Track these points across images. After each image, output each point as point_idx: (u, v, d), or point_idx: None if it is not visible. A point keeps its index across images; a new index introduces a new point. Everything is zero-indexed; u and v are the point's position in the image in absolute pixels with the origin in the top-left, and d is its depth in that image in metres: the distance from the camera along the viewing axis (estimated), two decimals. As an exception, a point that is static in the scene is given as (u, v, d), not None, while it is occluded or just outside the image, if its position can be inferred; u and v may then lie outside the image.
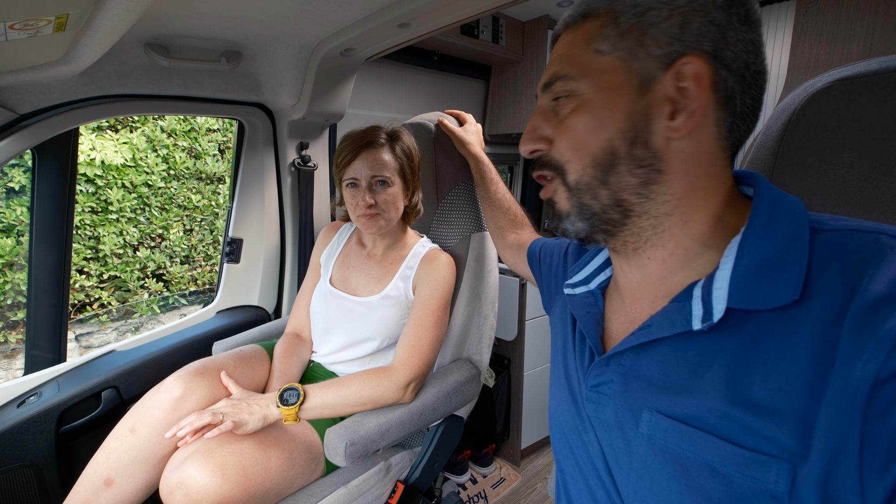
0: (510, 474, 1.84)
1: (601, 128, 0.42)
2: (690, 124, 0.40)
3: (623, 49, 0.41)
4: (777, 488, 0.33)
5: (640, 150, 0.42)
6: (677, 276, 0.45)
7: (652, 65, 0.41)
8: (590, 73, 0.43)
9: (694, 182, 0.42)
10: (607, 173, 0.43)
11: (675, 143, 0.41)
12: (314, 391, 0.90)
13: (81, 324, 3.12)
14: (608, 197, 0.44)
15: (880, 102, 0.47)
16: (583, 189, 0.44)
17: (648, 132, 0.41)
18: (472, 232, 1.15)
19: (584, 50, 0.43)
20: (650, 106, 0.41)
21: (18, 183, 2.64)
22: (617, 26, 0.41)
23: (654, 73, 0.41)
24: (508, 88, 2.00)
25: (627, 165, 0.42)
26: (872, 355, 0.30)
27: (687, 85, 0.40)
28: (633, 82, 0.41)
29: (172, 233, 3.29)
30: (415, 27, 0.99)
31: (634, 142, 0.42)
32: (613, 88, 0.42)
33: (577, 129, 0.43)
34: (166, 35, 1.03)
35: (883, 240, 0.34)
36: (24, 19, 0.62)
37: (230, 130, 3.44)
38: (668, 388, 0.42)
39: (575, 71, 0.43)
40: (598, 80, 0.42)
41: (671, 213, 0.43)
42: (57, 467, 1.11)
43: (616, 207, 0.44)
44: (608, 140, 0.42)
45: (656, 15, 0.40)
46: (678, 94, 0.40)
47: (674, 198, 0.42)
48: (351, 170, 1.01)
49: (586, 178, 0.44)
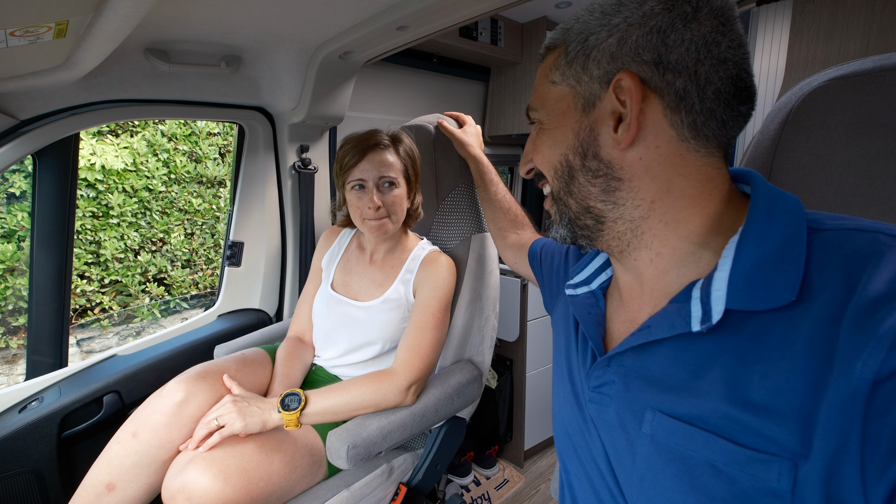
0: (514, 476, 1.83)
1: (556, 145, 0.48)
2: (632, 133, 0.43)
3: (571, 76, 0.46)
4: (779, 486, 0.34)
5: (592, 161, 0.46)
6: (670, 274, 0.45)
7: (595, 85, 0.45)
8: (546, 102, 0.49)
9: (666, 185, 0.43)
10: (569, 184, 0.48)
11: (629, 153, 0.44)
12: (315, 396, 0.90)
13: (83, 328, 3.13)
14: (576, 205, 0.48)
15: (876, 101, 0.47)
16: (557, 198, 0.50)
17: (597, 145, 0.45)
18: (473, 233, 1.16)
19: (543, 83, 0.50)
20: (595, 122, 0.45)
21: (19, 188, 2.65)
22: (566, 55, 0.46)
23: (597, 93, 0.45)
24: (507, 90, 2.00)
25: (585, 176, 0.47)
26: (872, 354, 0.30)
27: (625, 98, 0.43)
28: (578, 104, 0.46)
29: (173, 237, 3.30)
30: (413, 30, 1.00)
31: (585, 155, 0.46)
32: (562, 113, 0.47)
33: (542, 148, 0.50)
34: (166, 40, 1.04)
35: (881, 239, 0.34)
36: (25, 26, 0.63)
37: (230, 134, 3.45)
38: (669, 388, 0.42)
39: (537, 103, 0.50)
40: (552, 108, 0.48)
41: (647, 216, 0.45)
42: (59, 472, 1.11)
43: (587, 214, 0.48)
44: (563, 154, 0.48)
45: (596, 38, 0.44)
46: (623, 107, 0.43)
47: (645, 202, 0.44)
48: (357, 171, 1.00)
49: (556, 188, 0.50)
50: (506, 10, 0.91)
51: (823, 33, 1.30)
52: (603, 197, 0.46)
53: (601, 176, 0.45)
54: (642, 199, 0.44)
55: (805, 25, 1.33)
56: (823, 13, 1.30)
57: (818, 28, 1.31)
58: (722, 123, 0.42)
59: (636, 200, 0.45)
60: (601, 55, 0.44)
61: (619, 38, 0.42)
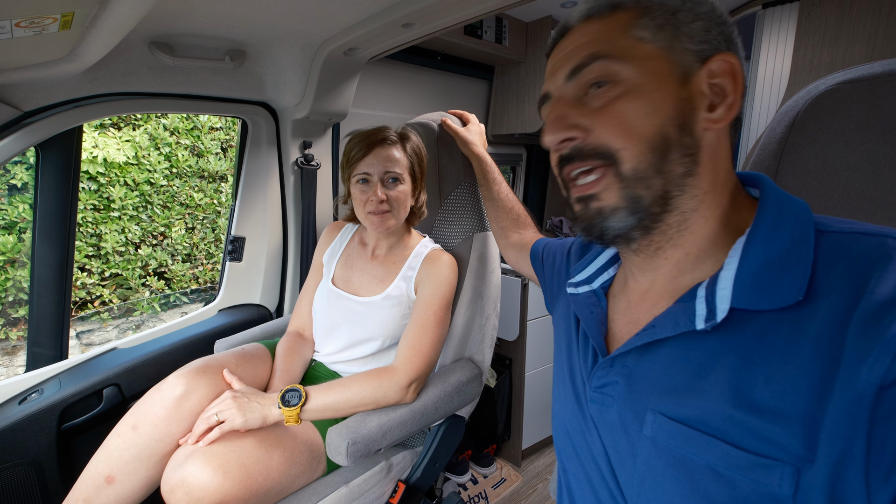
0: (511, 475, 1.84)
1: (653, 112, 0.41)
2: (729, 116, 0.42)
3: (663, 39, 0.42)
4: (781, 492, 0.33)
5: (687, 137, 0.42)
6: (686, 277, 0.45)
7: (690, 58, 0.42)
8: (635, 57, 0.42)
9: (715, 178, 0.43)
10: (662, 160, 0.41)
11: (706, 136, 0.42)
12: (316, 392, 0.90)
13: (83, 321, 3.13)
14: (660, 187, 0.42)
15: (884, 105, 0.47)
16: (639, 178, 0.42)
17: (693, 121, 0.42)
18: (475, 232, 1.16)
19: (622, 36, 0.42)
20: (692, 96, 0.42)
21: (21, 180, 2.65)
22: (652, 19, 0.42)
23: (692, 67, 0.42)
24: (511, 89, 2.00)
25: (677, 153, 0.42)
26: (879, 359, 0.30)
27: (719, 81, 0.42)
28: (675, 72, 0.42)
29: (174, 231, 3.30)
30: (419, 27, 0.99)
31: (683, 128, 0.41)
32: (660, 75, 0.41)
33: (629, 114, 0.41)
34: (171, 34, 1.04)
35: (889, 243, 0.34)
36: (31, 17, 0.63)
37: (233, 129, 3.44)
38: (672, 390, 0.42)
39: (618, 52, 0.42)
40: (644, 66, 0.41)
41: (696, 208, 0.43)
42: (58, 464, 1.11)
43: (660, 200, 0.42)
44: (661, 125, 0.41)
45: (684, 16, 0.42)
46: (710, 91, 0.42)
47: (701, 192, 0.43)
48: (363, 165, 1.00)
49: (643, 165, 0.42)
50: (511, 8, 0.91)
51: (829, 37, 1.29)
52: (680, 180, 0.42)
53: (689, 155, 0.42)
54: (700, 188, 0.42)
55: (811, 29, 1.33)
56: (829, 17, 1.30)
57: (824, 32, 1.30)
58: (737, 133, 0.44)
59: (695, 190, 0.42)
60: (692, 33, 0.42)
61: (704, 25, 0.42)
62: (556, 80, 0.46)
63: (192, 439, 0.83)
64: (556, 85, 0.46)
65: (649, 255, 0.46)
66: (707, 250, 0.44)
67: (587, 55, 0.43)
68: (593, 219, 0.45)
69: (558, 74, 0.46)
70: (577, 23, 0.46)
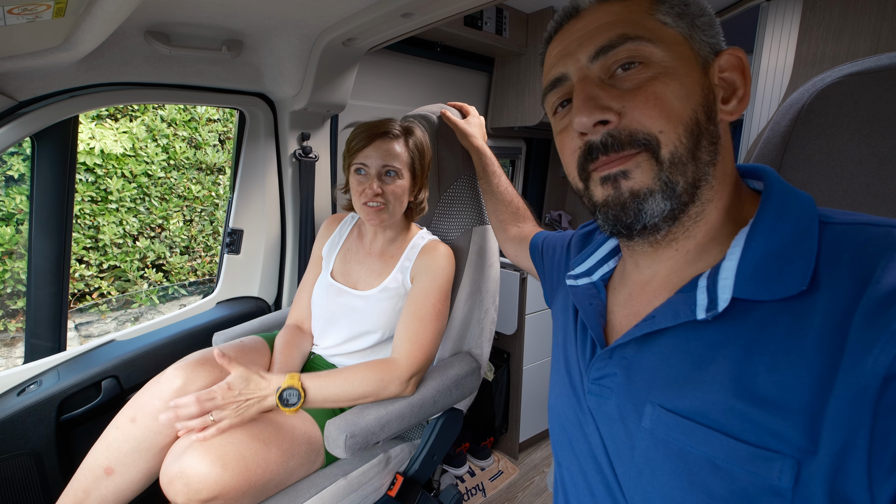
0: (508, 467, 1.85)
1: (688, 97, 0.40)
2: (741, 109, 0.42)
3: (683, 27, 0.42)
4: (780, 484, 0.33)
5: (713, 126, 0.41)
6: (690, 268, 0.45)
7: (706, 49, 0.42)
8: (663, 39, 0.40)
9: (725, 169, 0.43)
10: (696, 146, 0.40)
11: (722, 125, 0.43)
12: (315, 385, 0.89)
13: (81, 313, 3.13)
14: (692, 174, 0.40)
15: (891, 98, 0.46)
16: (676, 162, 0.40)
17: (715, 110, 0.42)
18: (474, 225, 1.15)
19: (648, 17, 0.41)
20: (712, 85, 0.42)
21: (17, 171, 2.63)
22: (671, 6, 0.42)
23: (709, 57, 0.42)
24: (511, 81, 1.98)
25: (706, 140, 0.41)
26: (884, 349, 0.30)
27: (728, 75, 0.42)
28: (697, 59, 0.41)
29: (172, 223, 3.29)
30: (418, 17, 0.98)
31: (710, 116, 0.41)
32: (687, 60, 0.41)
33: (666, 95, 0.40)
34: (167, 22, 1.02)
35: (894, 233, 0.34)
36: (23, 4, 0.61)
37: (230, 120, 3.42)
38: (671, 381, 0.41)
39: (649, 34, 0.40)
40: (672, 49, 0.40)
41: (712, 199, 0.43)
42: (57, 456, 1.11)
43: (691, 188, 0.41)
44: (694, 110, 0.40)
45: (695, 9, 0.43)
46: (719, 83, 0.42)
47: (717, 183, 0.42)
48: (362, 156, 1.00)
49: (681, 149, 0.40)
50: (513, -2, 0.89)
51: (833, 30, 1.28)
52: (705, 170, 0.41)
53: (714, 143, 0.41)
54: (716, 179, 0.42)
55: (815, 22, 1.31)
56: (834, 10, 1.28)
57: (828, 25, 1.29)
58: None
59: (714, 180, 0.42)
60: (703, 25, 0.43)
61: (709, 21, 0.43)
62: (578, 60, 0.43)
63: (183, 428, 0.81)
64: (578, 65, 0.43)
65: (663, 246, 0.45)
66: (713, 241, 0.43)
67: (617, 35, 0.41)
68: (627, 203, 0.42)
69: (579, 54, 0.43)
70: (592, 4, 0.44)
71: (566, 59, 0.44)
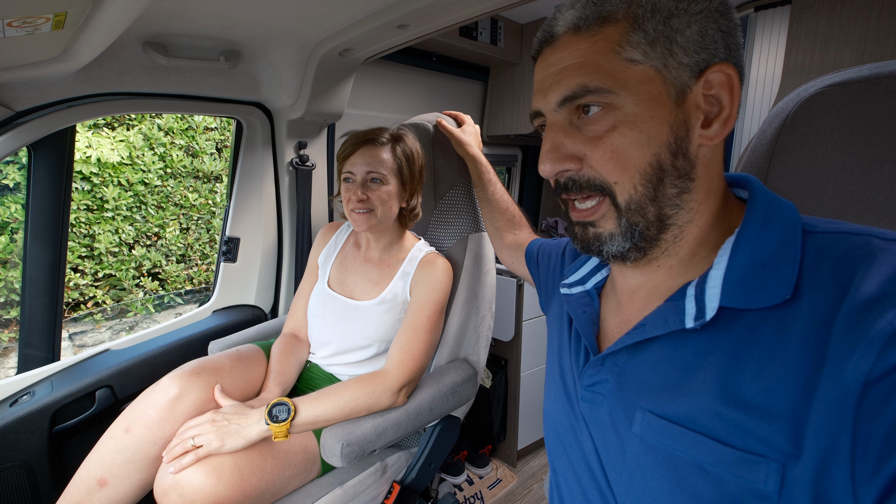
0: (506, 475, 1.84)
1: (648, 143, 0.40)
2: (724, 132, 0.41)
3: (656, 58, 0.40)
4: (766, 488, 0.34)
5: (681, 161, 0.41)
6: (678, 279, 0.45)
7: (684, 74, 0.40)
8: (626, 84, 0.40)
9: (709, 186, 0.43)
10: (656, 189, 0.41)
11: (701, 152, 0.42)
12: (305, 404, 0.86)
13: (76, 322, 3.10)
14: (654, 213, 0.42)
15: (872, 108, 0.48)
16: (634, 208, 0.42)
17: (688, 142, 0.41)
18: (470, 233, 1.16)
19: (611, 59, 0.40)
20: (687, 116, 0.41)
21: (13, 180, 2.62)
22: (645, 34, 0.39)
23: (688, 83, 0.40)
24: (506, 90, 2.01)
25: (671, 178, 0.41)
26: (864, 355, 0.31)
27: (715, 92, 0.41)
28: (670, 93, 0.40)
29: (168, 231, 3.28)
30: (414, 28, 0.99)
31: (677, 153, 0.41)
32: (654, 100, 0.40)
33: (623, 147, 0.41)
34: (165, 34, 1.03)
35: (874, 242, 0.35)
36: (23, 17, 0.62)
37: (227, 129, 3.43)
38: (661, 388, 0.42)
39: (609, 82, 0.40)
40: (637, 92, 0.40)
41: (691, 219, 0.43)
42: (49, 467, 1.10)
43: (657, 223, 0.43)
44: (655, 154, 0.41)
45: (679, 22, 0.39)
46: (705, 103, 0.41)
47: (696, 204, 0.43)
48: (349, 164, 1.02)
49: (637, 196, 0.42)
50: (506, 10, 0.91)
51: (820, 40, 1.31)
52: (676, 201, 0.42)
53: (683, 177, 0.41)
54: (695, 200, 0.43)
55: (802, 32, 1.34)
56: (820, 20, 1.31)
57: (815, 34, 1.32)
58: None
59: (691, 203, 0.42)
60: (687, 42, 0.39)
61: (700, 28, 0.39)
62: (549, 103, 0.44)
63: (166, 459, 0.80)
64: (549, 108, 0.45)
65: (643, 264, 0.47)
66: (698, 253, 0.44)
67: (578, 85, 0.41)
68: (591, 242, 0.46)
69: (550, 97, 0.44)
70: (564, 32, 0.43)
71: (540, 97, 0.46)
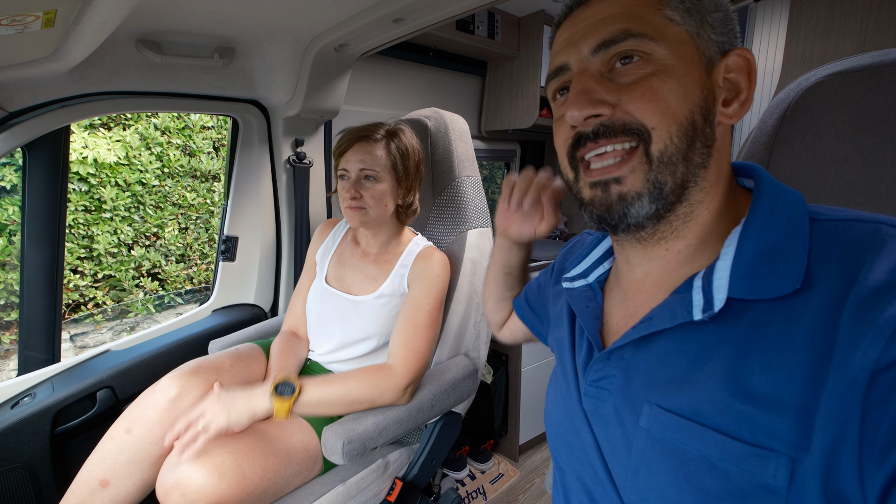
0: (508, 470, 1.84)
1: (686, 96, 0.39)
2: (742, 112, 0.42)
3: (691, 24, 0.40)
4: (775, 482, 0.33)
5: (709, 128, 0.41)
6: (684, 269, 0.45)
7: (713, 49, 0.41)
8: (666, 37, 0.40)
9: (719, 168, 0.43)
10: (689, 146, 0.40)
11: (719, 128, 0.42)
12: (310, 386, 0.88)
13: (76, 324, 3.10)
14: (681, 175, 0.40)
15: (874, 97, 0.47)
16: (666, 161, 0.40)
17: (714, 112, 0.41)
18: (469, 228, 1.15)
19: (655, 13, 0.40)
20: (714, 87, 0.41)
21: (9, 182, 2.61)
22: (682, 1, 0.41)
23: (715, 57, 0.41)
24: (504, 84, 1.99)
25: (700, 142, 0.40)
26: (872, 343, 0.30)
27: (734, 76, 0.41)
28: (701, 59, 0.40)
29: (167, 231, 3.27)
30: (409, 22, 0.98)
31: (706, 119, 0.40)
32: (689, 60, 0.40)
33: (662, 91, 0.39)
34: (158, 31, 1.02)
35: (882, 229, 0.34)
36: (11, 15, 0.61)
37: (224, 128, 3.41)
38: (668, 381, 0.41)
39: (652, 31, 0.40)
40: (675, 48, 0.40)
41: (702, 200, 0.42)
42: (52, 468, 1.10)
43: (678, 189, 0.41)
44: (691, 110, 0.40)
45: (708, 4, 0.41)
46: (724, 84, 0.42)
47: (708, 184, 0.42)
48: (343, 161, 1.02)
49: (672, 148, 0.40)
50: (503, 2, 0.90)
51: (821, 30, 1.30)
52: (696, 171, 0.41)
53: (708, 146, 0.41)
54: (708, 181, 0.42)
55: (802, 21, 1.33)
56: (821, 9, 1.30)
57: (815, 24, 1.31)
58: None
59: (704, 182, 0.42)
60: (715, 23, 0.41)
61: (724, 17, 0.42)
62: (580, 52, 0.43)
63: (178, 447, 0.79)
64: (580, 56, 0.43)
65: (651, 244, 0.45)
66: (705, 241, 0.43)
67: (620, 30, 0.40)
68: (613, 205, 0.42)
69: (582, 45, 0.43)
70: None
71: (570, 48, 0.44)
